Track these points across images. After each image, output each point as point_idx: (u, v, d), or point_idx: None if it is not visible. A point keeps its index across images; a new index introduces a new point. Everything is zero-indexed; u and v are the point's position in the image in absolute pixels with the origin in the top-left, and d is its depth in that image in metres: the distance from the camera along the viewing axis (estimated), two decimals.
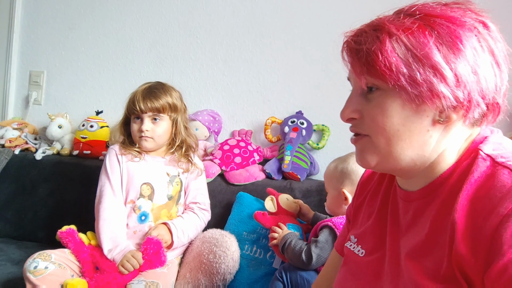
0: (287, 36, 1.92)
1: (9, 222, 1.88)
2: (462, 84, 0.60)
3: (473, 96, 0.60)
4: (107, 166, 1.53)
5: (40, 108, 2.28)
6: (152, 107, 1.48)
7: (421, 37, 0.61)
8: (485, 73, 0.60)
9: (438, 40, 0.60)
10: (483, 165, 0.60)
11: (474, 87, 0.60)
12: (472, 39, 0.60)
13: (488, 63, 0.61)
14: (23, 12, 2.32)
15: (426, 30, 0.61)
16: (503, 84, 0.62)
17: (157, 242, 1.36)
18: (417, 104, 0.62)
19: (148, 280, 1.32)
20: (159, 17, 2.10)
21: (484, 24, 0.62)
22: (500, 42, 0.62)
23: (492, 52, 0.61)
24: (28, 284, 1.25)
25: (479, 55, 0.60)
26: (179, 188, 1.56)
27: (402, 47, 0.61)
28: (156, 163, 1.56)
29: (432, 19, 0.62)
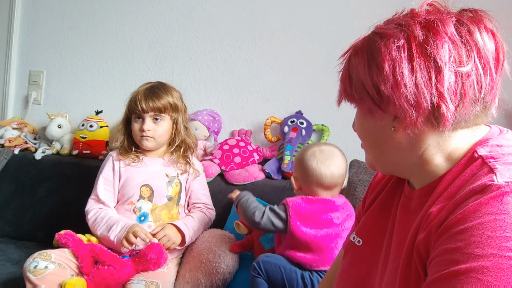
0: (287, 36, 1.92)
1: (9, 222, 1.87)
2: (385, 98, 0.62)
3: (401, 107, 0.61)
4: (100, 172, 1.58)
5: (40, 107, 2.27)
6: (153, 107, 1.50)
7: (360, 56, 0.66)
8: (409, 81, 0.60)
9: (369, 57, 0.64)
10: (474, 164, 0.60)
11: (400, 98, 0.61)
12: (393, 50, 0.61)
13: (416, 68, 0.60)
14: (23, 12, 2.31)
15: (365, 49, 0.66)
16: (444, 84, 0.59)
17: (159, 250, 1.36)
18: (369, 117, 0.67)
19: (148, 280, 1.32)
20: (158, 17, 2.10)
21: (426, 26, 0.61)
22: (446, 41, 0.60)
23: (426, 55, 0.60)
24: (28, 283, 1.25)
25: (400, 65, 0.60)
26: (179, 189, 1.57)
27: (350, 68, 0.68)
28: (155, 165, 1.58)
29: (372, 37, 0.66)
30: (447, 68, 0.59)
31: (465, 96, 0.60)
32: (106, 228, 1.43)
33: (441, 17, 0.62)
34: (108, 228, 1.42)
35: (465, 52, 0.60)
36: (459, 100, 0.60)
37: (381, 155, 0.70)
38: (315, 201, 1.30)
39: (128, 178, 1.54)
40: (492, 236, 0.48)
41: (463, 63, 0.59)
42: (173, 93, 1.57)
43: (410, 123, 0.61)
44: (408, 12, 0.65)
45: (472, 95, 0.60)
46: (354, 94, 0.67)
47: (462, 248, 0.49)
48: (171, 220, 1.52)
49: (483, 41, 0.61)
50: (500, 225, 0.48)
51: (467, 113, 0.61)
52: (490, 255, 0.47)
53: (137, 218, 1.49)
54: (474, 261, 0.48)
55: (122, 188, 1.54)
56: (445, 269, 0.50)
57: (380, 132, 0.67)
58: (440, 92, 0.59)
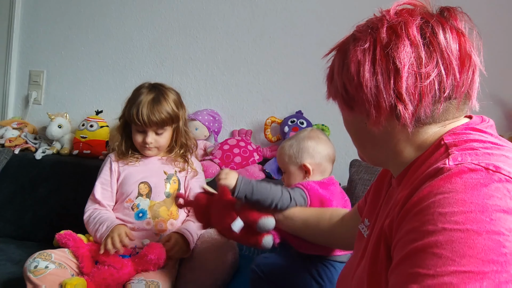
0: (287, 36, 1.92)
1: (9, 222, 1.87)
2: (350, 97, 0.68)
3: (363, 106, 0.66)
4: (99, 173, 1.58)
5: (40, 107, 2.28)
6: (156, 123, 1.50)
7: (337, 58, 0.72)
8: (370, 82, 0.64)
9: (342, 58, 0.69)
10: (438, 151, 0.63)
11: (362, 97, 0.65)
12: (358, 52, 0.65)
13: (378, 70, 0.63)
14: (23, 12, 2.32)
15: (341, 51, 0.72)
16: (402, 85, 0.62)
17: (159, 250, 1.35)
18: (345, 114, 0.73)
19: (148, 280, 1.32)
20: (159, 17, 2.10)
21: (391, 28, 0.64)
22: (406, 44, 0.62)
23: (388, 57, 0.63)
24: (29, 283, 1.25)
25: (363, 66, 0.64)
26: (177, 186, 1.58)
27: (332, 66, 0.75)
28: (153, 163, 1.59)
29: (349, 39, 0.71)
30: (405, 70, 0.61)
31: (424, 96, 0.62)
32: (94, 228, 1.44)
33: (406, 19, 0.64)
34: (96, 228, 1.44)
35: (426, 54, 0.62)
36: (418, 100, 0.62)
37: (362, 148, 0.76)
38: (328, 183, 1.29)
39: (126, 176, 1.55)
40: (442, 212, 0.51)
41: (423, 65, 0.61)
42: (173, 101, 1.55)
43: (373, 121, 0.66)
44: (380, 14, 0.68)
45: (433, 95, 0.62)
46: (331, 91, 0.74)
47: (417, 227, 0.53)
48: (170, 217, 1.53)
49: (446, 41, 0.62)
50: (448, 202, 0.52)
51: (429, 111, 0.64)
52: (441, 230, 0.50)
53: (135, 214, 1.49)
54: (428, 237, 0.51)
55: (121, 186, 1.55)
56: (405, 250, 0.53)
57: (356, 127, 0.72)
58: (398, 93, 0.62)
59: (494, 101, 1.60)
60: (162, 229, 1.50)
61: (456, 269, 0.47)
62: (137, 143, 1.56)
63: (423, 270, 0.49)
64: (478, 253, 0.47)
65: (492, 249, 0.47)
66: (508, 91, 1.62)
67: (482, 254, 0.47)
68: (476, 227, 0.48)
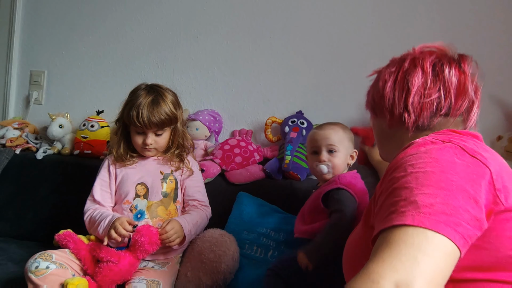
0: (287, 36, 1.92)
1: (10, 222, 1.88)
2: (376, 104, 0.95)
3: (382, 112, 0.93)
4: (97, 175, 1.60)
5: (41, 107, 2.28)
6: (156, 124, 1.51)
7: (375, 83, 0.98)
8: (389, 95, 0.91)
9: (377, 77, 0.98)
10: (418, 142, 0.79)
11: (382, 106, 0.92)
12: (386, 73, 0.93)
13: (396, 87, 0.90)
14: (24, 12, 2.32)
15: (378, 74, 0.99)
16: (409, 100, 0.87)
17: (145, 230, 1.36)
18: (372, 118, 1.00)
19: (149, 279, 1.33)
20: (159, 17, 2.10)
21: (412, 61, 0.90)
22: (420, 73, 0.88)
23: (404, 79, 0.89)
24: (30, 284, 1.25)
25: (387, 83, 0.91)
26: (174, 185, 1.59)
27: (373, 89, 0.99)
28: (149, 163, 1.61)
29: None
30: (414, 90, 0.87)
31: (423, 110, 0.87)
32: (97, 225, 1.45)
33: (425, 56, 0.90)
34: (98, 225, 1.44)
35: (432, 81, 0.87)
36: (419, 112, 0.87)
37: (381, 145, 1.01)
38: (355, 174, 1.38)
39: (124, 178, 1.57)
40: (410, 163, 0.72)
41: (428, 88, 0.87)
42: (171, 103, 1.56)
43: (388, 123, 0.92)
44: (410, 51, 0.95)
45: (431, 111, 0.87)
46: (368, 101, 1.01)
47: (394, 177, 0.72)
48: (168, 216, 1.53)
49: (449, 75, 0.87)
50: (414, 158, 0.73)
51: (426, 122, 0.88)
52: (410, 173, 0.70)
53: (134, 216, 1.50)
54: (401, 179, 0.71)
55: (119, 188, 1.57)
56: (385, 194, 0.72)
57: (379, 129, 0.98)
58: (406, 105, 0.88)
59: (494, 101, 1.60)
60: None
61: (419, 192, 0.67)
62: (137, 145, 1.57)
63: (397, 198, 0.68)
64: (434, 183, 0.67)
65: (443, 180, 0.67)
66: (508, 91, 1.62)
67: (437, 183, 0.67)
68: (433, 169, 0.69)
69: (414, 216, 0.63)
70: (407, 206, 0.65)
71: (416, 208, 0.64)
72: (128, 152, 1.60)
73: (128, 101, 1.56)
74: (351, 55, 1.82)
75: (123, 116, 1.56)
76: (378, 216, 0.71)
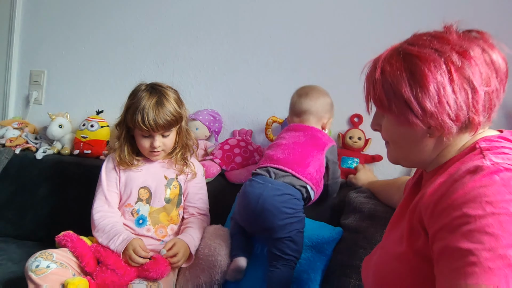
0: (287, 36, 1.92)
1: (10, 222, 1.88)
2: (428, 114, 0.75)
3: (443, 120, 0.75)
4: (102, 174, 1.55)
5: (41, 107, 2.28)
6: (163, 125, 1.46)
7: (398, 75, 0.77)
8: (452, 100, 0.74)
9: (411, 78, 0.76)
10: (473, 152, 0.74)
11: (442, 113, 0.75)
12: (437, 74, 0.74)
13: (457, 89, 0.74)
14: (24, 12, 2.32)
15: (403, 68, 0.77)
16: (479, 101, 0.74)
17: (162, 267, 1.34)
18: (405, 126, 0.80)
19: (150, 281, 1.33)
20: (159, 17, 2.10)
21: (460, 53, 0.75)
22: (478, 66, 0.74)
23: (463, 78, 0.74)
24: (30, 283, 1.25)
25: (444, 87, 0.74)
26: (178, 191, 1.56)
27: (386, 83, 0.79)
28: (153, 167, 1.57)
29: (409, 58, 0.77)
30: (481, 89, 0.73)
31: (491, 109, 0.76)
32: (107, 238, 1.41)
33: (470, 45, 0.75)
34: (109, 239, 1.41)
35: (490, 73, 0.74)
36: (487, 112, 0.76)
37: (408, 154, 0.86)
38: None
39: (128, 180, 1.53)
40: (489, 201, 0.63)
41: (489, 83, 0.74)
42: (175, 100, 1.51)
43: (448, 132, 0.76)
44: (439, 37, 0.78)
45: (494, 107, 0.76)
46: (393, 108, 0.79)
47: (468, 213, 0.63)
48: (170, 222, 1.52)
49: (498, 62, 0.76)
50: (492, 193, 0.64)
51: (489, 121, 0.78)
52: (491, 214, 0.62)
53: (136, 221, 1.49)
54: (481, 220, 0.62)
55: (122, 189, 1.54)
56: (457, 231, 0.64)
57: (411, 137, 0.81)
58: (476, 108, 0.74)
59: None
60: (163, 234, 1.50)
61: (508, 244, 0.59)
62: (144, 149, 1.51)
63: (479, 245, 0.60)
64: None
65: None
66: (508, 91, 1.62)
67: None
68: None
69: (509, 278, 0.57)
70: (495, 260, 0.58)
71: (509, 265, 0.57)
72: (133, 156, 1.55)
73: (130, 104, 1.49)
74: (351, 55, 1.82)
75: (125, 120, 1.50)
76: (446, 256, 0.64)
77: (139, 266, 1.35)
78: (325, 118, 1.55)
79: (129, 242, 1.37)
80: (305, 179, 1.39)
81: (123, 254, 1.36)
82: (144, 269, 1.33)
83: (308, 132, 1.49)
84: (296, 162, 1.40)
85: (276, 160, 1.42)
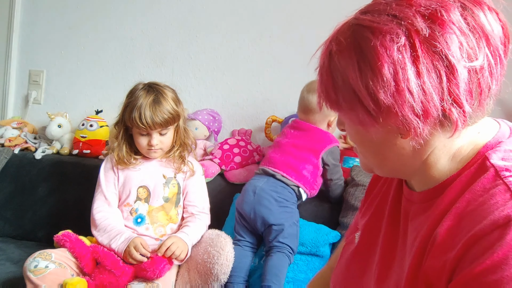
0: (287, 35, 1.92)
1: (9, 222, 1.87)
2: (383, 108, 0.53)
3: (404, 117, 0.52)
4: (100, 175, 1.55)
5: (40, 107, 2.27)
6: (161, 124, 1.47)
7: (347, 57, 0.55)
8: (414, 87, 0.51)
9: (361, 59, 0.53)
10: (485, 176, 0.53)
11: (402, 107, 0.52)
12: (393, 50, 0.51)
13: (423, 70, 0.50)
14: (23, 11, 2.31)
15: (352, 47, 0.55)
16: (459, 83, 0.50)
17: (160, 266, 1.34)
18: (361, 126, 0.58)
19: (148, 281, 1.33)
20: (159, 17, 2.10)
21: (428, 17, 0.51)
22: (454, 32, 0.50)
23: (433, 52, 0.50)
24: (29, 283, 1.24)
25: (403, 68, 0.51)
26: (177, 190, 1.56)
27: (335, 69, 0.57)
28: (152, 166, 1.57)
29: (360, 31, 0.55)
30: (461, 66, 0.50)
31: (481, 94, 0.52)
32: (108, 237, 1.42)
33: (443, 2, 0.52)
34: (110, 238, 1.41)
35: (475, 42, 0.51)
36: (475, 99, 0.52)
37: (381, 161, 0.62)
38: None
39: (126, 179, 1.54)
40: None
41: (475, 56, 0.51)
42: (172, 99, 1.52)
43: (415, 134, 0.53)
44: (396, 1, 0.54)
45: (488, 90, 0.53)
46: (341, 102, 0.57)
47: (493, 283, 0.45)
48: (169, 221, 1.52)
49: (490, 25, 0.52)
50: None
51: (482, 111, 0.54)
52: None
53: (134, 220, 1.49)
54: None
55: (120, 189, 1.54)
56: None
57: (381, 139, 0.58)
58: (455, 95, 0.51)
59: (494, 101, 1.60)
60: (161, 234, 1.50)
61: None
62: (142, 147, 1.52)
63: None
64: None
65: None
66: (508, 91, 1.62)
67: None
68: None
69: None
70: None
71: None
72: (132, 155, 1.55)
73: (128, 103, 1.51)
74: None
75: (123, 118, 1.52)
76: None
77: (136, 264, 1.35)
78: (332, 116, 1.57)
79: (131, 240, 1.37)
80: (297, 182, 1.51)
81: (123, 253, 1.36)
82: (142, 269, 1.33)
83: (309, 133, 1.54)
84: (291, 166, 1.53)
85: (274, 162, 1.56)
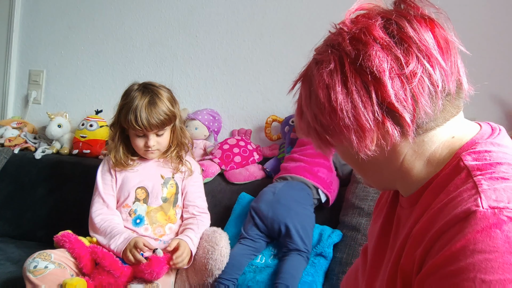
0: (287, 35, 1.92)
1: (8, 222, 1.87)
2: (325, 128, 0.60)
3: (343, 133, 0.57)
4: (98, 177, 1.55)
5: (40, 107, 2.27)
6: (157, 125, 1.46)
7: (302, 88, 0.65)
8: (344, 103, 0.56)
9: (308, 89, 0.63)
10: (459, 177, 0.54)
11: (339, 124, 0.57)
12: (324, 75, 0.58)
13: (351, 88, 0.56)
14: (23, 11, 2.31)
15: (306, 79, 0.65)
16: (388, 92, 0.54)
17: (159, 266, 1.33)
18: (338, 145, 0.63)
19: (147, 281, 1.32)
20: (159, 17, 2.10)
21: (355, 39, 0.57)
22: (374, 47, 0.55)
23: (361, 70, 0.56)
24: (28, 283, 1.24)
25: (334, 90, 0.57)
26: (175, 190, 1.56)
27: (299, 99, 0.68)
28: (149, 166, 1.57)
29: (310, 64, 0.65)
30: (387, 77, 0.54)
31: (418, 97, 0.55)
32: (108, 238, 1.41)
33: (366, 23, 0.57)
34: (110, 238, 1.41)
35: (403, 51, 0.55)
36: (413, 104, 0.55)
37: (365, 174, 0.67)
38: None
39: (124, 181, 1.53)
40: (485, 280, 0.44)
41: (405, 64, 0.54)
42: (168, 99, 1.51)
43: (360, 148, 0.57)
44: (337, 28, 0.62)
45: (428, 92, 0.55)
46: (304, 128, 0.64)
47: (454, 284, 0.46)
48: (168, 221, 1.52)
49: (417, 34, 0.56)
50: (491, 266, 0.44)
51: (430, 112, 0.56)
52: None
53: (133, 221, 1.49)
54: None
55: (118, 191, 1.54)
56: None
57: (351, 157, 0.62)
58: (388, 104, 0.54)
59: (495, 100, 1.60)
60: (160, 234, 1.50)
61: None
62: (139, 148, 1.51)
63: None
64: None
65: None
66: (508, 91, 1.62)
67: None
68: None
69: None
70: None
71: None
72: (129, 156, 1.55)
73: (123, 104, 1.50)
74: None
75: (119, 120, 1.50)
76: None
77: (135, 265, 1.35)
78: None
79: (133, 239, 1.37)
80: (315, 183, 1.56)
81: (122, 252, 1.36)
82: (140, 270, 1.33)
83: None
84: (306, 170, 1.59)
85: (289, 169, 1.62)
